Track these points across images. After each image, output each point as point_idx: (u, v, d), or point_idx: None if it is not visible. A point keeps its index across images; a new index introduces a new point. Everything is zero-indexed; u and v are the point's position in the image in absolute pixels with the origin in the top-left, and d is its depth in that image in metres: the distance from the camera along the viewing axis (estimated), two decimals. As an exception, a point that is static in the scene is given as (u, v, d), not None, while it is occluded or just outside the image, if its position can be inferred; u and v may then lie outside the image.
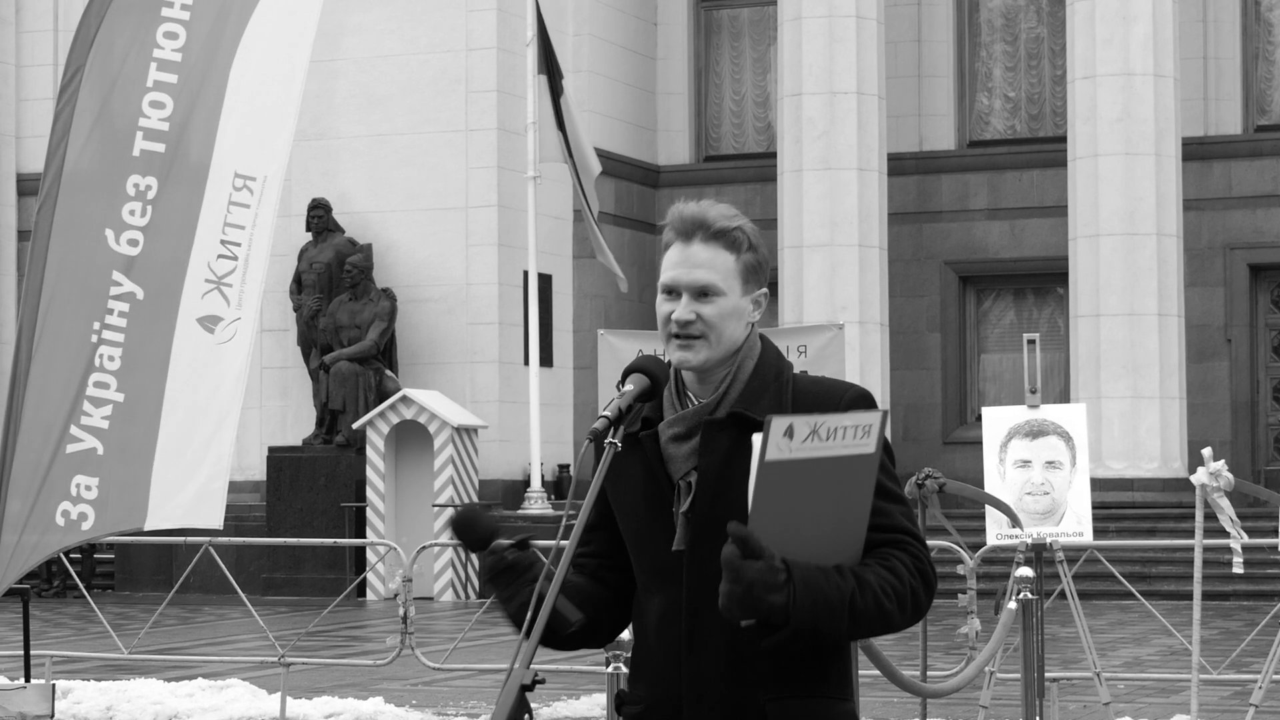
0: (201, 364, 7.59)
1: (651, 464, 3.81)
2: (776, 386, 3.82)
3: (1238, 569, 9.52)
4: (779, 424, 3.52)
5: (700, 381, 3.84)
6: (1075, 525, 10.21)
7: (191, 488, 7.61)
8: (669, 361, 3.85)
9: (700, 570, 3.71)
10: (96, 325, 7.55)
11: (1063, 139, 26.27)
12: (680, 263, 3.81)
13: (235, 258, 7.63)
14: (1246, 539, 9.48)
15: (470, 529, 3.77)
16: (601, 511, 3.91)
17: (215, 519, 7.70)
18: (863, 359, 25.31)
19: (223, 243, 7.62)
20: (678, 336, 3.79)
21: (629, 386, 3.77)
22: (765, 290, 3.88)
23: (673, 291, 3.82)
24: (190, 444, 7.59)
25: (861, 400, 3.81)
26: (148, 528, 7.66)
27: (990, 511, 10.11)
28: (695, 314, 3.78)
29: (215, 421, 7.64)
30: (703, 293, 3.79)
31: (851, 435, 3.59)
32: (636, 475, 3.81)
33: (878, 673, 7.57)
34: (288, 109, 7.77)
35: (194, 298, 7.59)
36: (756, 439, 3.53)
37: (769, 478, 3.53)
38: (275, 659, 12.80)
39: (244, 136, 7.65)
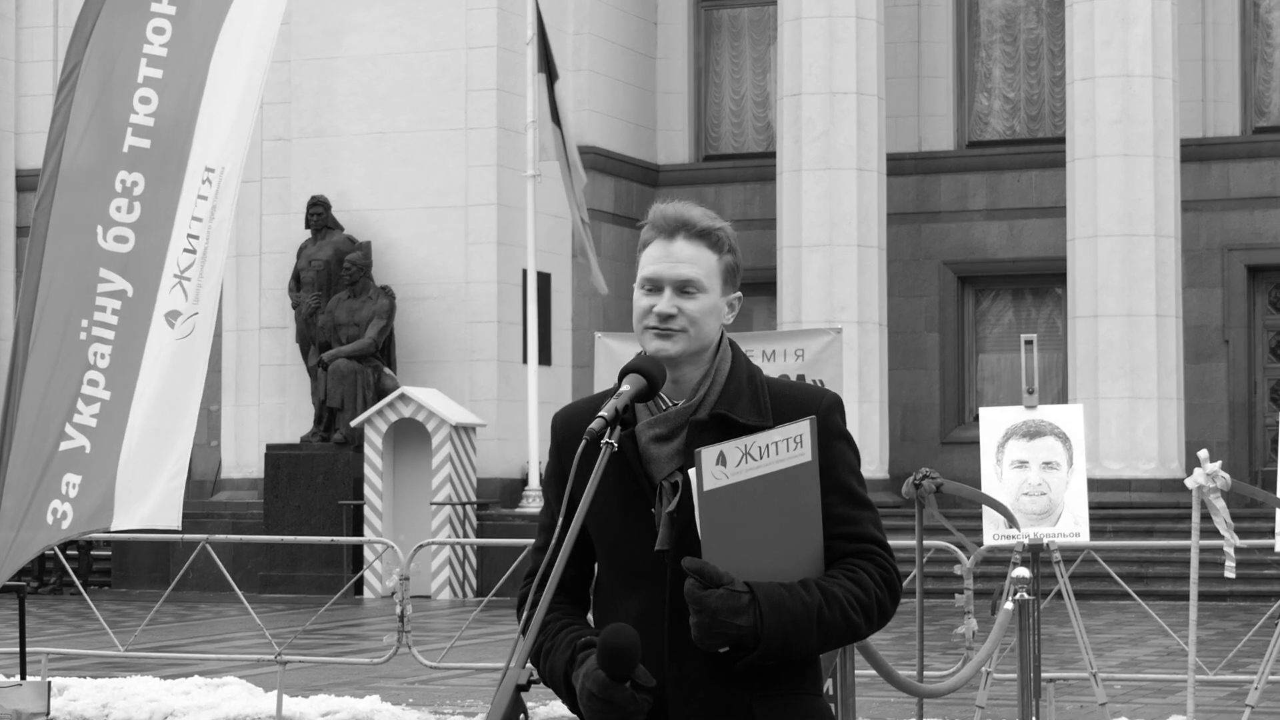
0: (164, 360, 7.57)
1: (630, 465, 3.81)
2: (752, 389, 3.86)
3: (1229, 574, 9.52)
4: (709, 454, 3.59)
5: (675, 383, 3.85)
6: (1072, 526, 10.21)
7: (157, 489, 7.58)
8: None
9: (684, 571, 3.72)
10: (84, 323, 7.54)
11: (1061, 140, 26.27)
12: (663, 258, 3.85)
13: (194, 251, 7.62)
14: (1239, 542, 9.47)
15: (624, 665, 3.57)
16: (558, 511, 3.90)
17: (174, 520, 7.66)
18: (861, 359, 25.33)
19: (187, 236, 7.61)
20: (657, 328, 3.81)
21: (626, 387, 3.77)
22: (740, 294, 3.94)
23: (654, 286, 3.84)
24: (154, 443, 7.56)
25: (836, 406, 3.86)
26: (114, 528, 7.63)
27: (987, 512, 10.11)
28: (677, 308, 3.81)
29: (176, 420, 7.61)
30: (686, 288, 3.82)
31: (785, 449, 3.66)
32: (611, 476, 3.79)
33: (874, 672, 7.57)
34: (250, 101, 7.77)
35: (164, 293, 7.59)
36: (692, 473, 3.58)
37: (711, 507, 3.60)
38: (272, 657, 12.80)
39: (212, 130, 7.64)
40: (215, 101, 7.64)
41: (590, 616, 4.00)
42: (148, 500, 7.59)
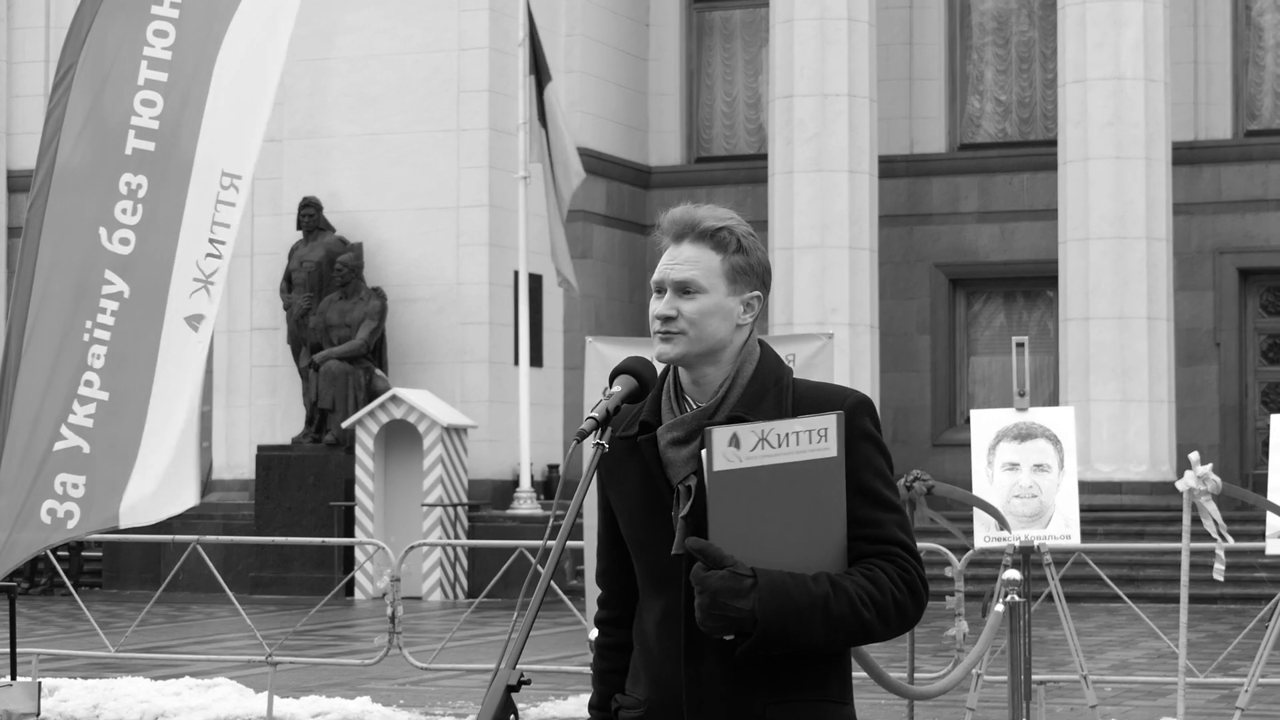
0: (184, 362, 7.59)
1: (650, 468, 3.82)
2: (776, 391, 3.83)
3: (1219, 576, 9.52)
4: (721, 434, 3.56)
5: (697, 385, 3.85)
6: (1063, 528, 10.21)
7: (163, 482, 7.60)
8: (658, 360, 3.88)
9: None
10: (89, 324, 7.55)
11: (1053, 142, 26.30)
12: (667, 261, 3.86)
13: (221, 256, 7.64)
14: (1231, 542, 9.48)
15: None
16: (610, 521, 3.96)
17: (190, 498, 7.69)
18: (852, 361, 25.33)
19: (211, 241, 7.62)
20: (660, 332, 3.83)
21: (616, 388, 3.79)
22: (758, 293, 3.87)
23: (658, 289, 3.86)
24: (168, 440, 7.59)
25: (862, 407, 3.81)
26: (122, 525, 7.65)
27: (978, 514, 10.12)
28: (676, 310, 3.81)
29: (186, 415, 7.65)
30: (684, 289, 3.82)
31: (807, 440, 3.61)
32: (635, 479, 3.82)
33: (865, 675, 7.58)
34: (263, 107, 7.77)
35: (182, 297, 7.59)
36: (704, 453, 3.57)
37: (721, 489, 3.57)
38: (263, 658, 12.80)
39: (228, 135, 7.64)
40: (223, 105, 7.63)
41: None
42: (155, 494, 7.61)
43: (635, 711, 3.87)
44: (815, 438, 3.61)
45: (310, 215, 25.85)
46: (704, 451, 3.60)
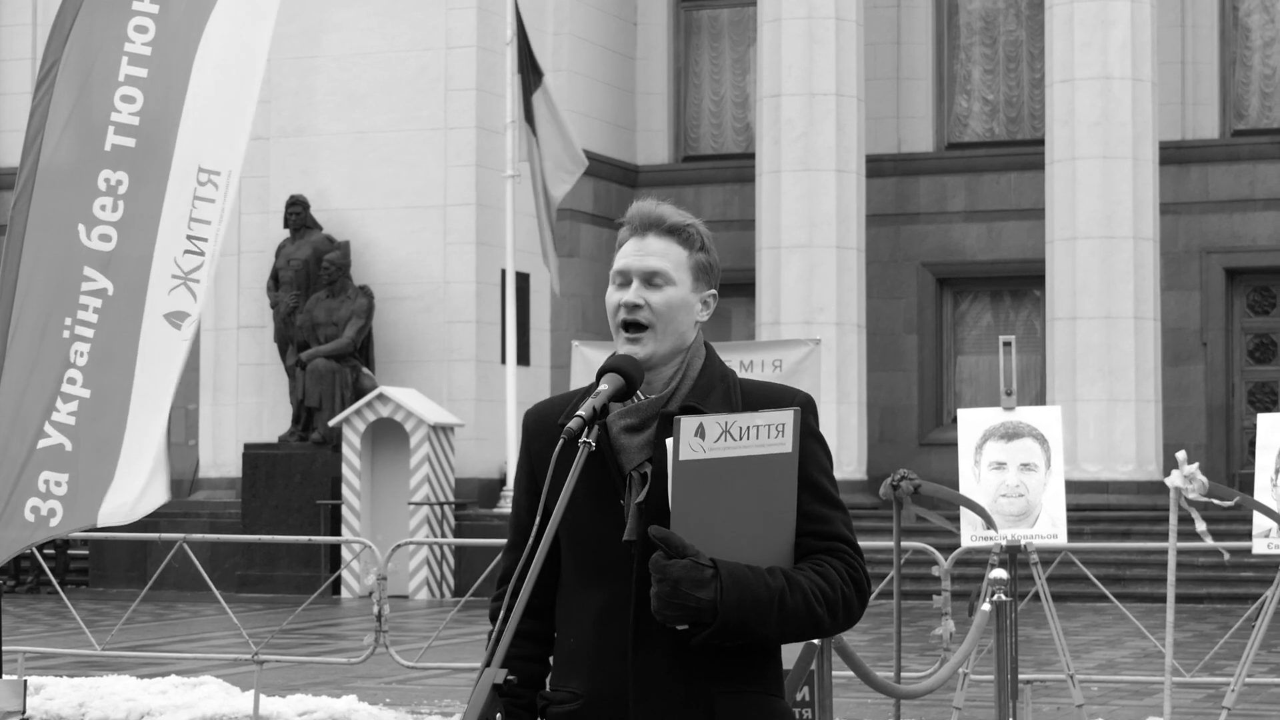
0: (166, 360, 7.57)
1: (602, 455, 3.78)
2: (724, 386, 3.86)
3: (1227, 556, 9.51)
4: (688, 424, 3.59)
5: (647, 377, 3.85)
6: (1050, 527, 10.22)
7: (139, 481, 7.59)
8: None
9: None
10: (68, 321, 7.53)
11: (1041, 142, 26.32)
12: (634, 252, 3.86)
13: (202, 254, 7.61)
14: (1219, 546, 9.48)
15: None
16: (530, 507, 3.90)
17: (161, 496, 7.66)
18: (839, 360, 25.34)
19: (189, 238, 7.60)
20: (626, 328, 3.82)
21: (603, 386, 3.76)
22: (715, 292, 3.92)
23: (624, 280, 3.85)
24: (151, 439, 7.58)
25: (810, 406, 3.85)
26: (99, 524, 7.63)
27: (965, 513, 10.13)
28: (644, 300, 3.82)
29: (163, 413, 7.64)
30: (653, 279, 3.83)
31: (766, 434, 3.66)
32: (581, 466, 3.76)
33: (851, 673, 7.57)
34: (247, 103, 7.74)
35: (160, 294, 7.57)
36: (669, 442, 3.58)
37: (685, 478, 3.60)
38: (249, 656, 12.78)
39: (206, 131, 7.61)
40: (201, 102, 7.61)
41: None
42: (129, 493, 7.59)
43: (569, 705, 3.82)
44: (773, 432, 3.67)
45: (297, 213, 25.83)
46: (670, 440, 3.61)
